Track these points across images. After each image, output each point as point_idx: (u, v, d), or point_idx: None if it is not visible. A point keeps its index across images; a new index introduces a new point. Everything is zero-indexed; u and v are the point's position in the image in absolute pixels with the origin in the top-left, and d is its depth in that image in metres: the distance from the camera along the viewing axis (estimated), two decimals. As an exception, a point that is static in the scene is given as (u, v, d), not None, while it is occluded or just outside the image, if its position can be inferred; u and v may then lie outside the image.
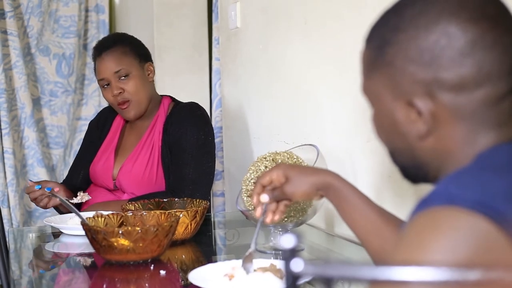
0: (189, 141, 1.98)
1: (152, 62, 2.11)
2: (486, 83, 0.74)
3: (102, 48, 2.02)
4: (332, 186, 1.13)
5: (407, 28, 0.76)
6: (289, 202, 1.22)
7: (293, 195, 1.18)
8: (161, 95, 2.16)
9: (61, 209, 2.07)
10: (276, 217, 1.22)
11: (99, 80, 2.02)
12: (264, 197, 1.20)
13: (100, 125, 2.20)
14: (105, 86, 2.01)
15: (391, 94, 0.79)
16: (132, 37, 2.12)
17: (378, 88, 0.81)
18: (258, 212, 1.21)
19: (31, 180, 2.09)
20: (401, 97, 0.78)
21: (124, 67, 1.98)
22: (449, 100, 0.75)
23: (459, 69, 0.73)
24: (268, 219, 1.22)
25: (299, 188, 1.16)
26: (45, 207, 1.96)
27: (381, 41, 0.79)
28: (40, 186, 1.92)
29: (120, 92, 1.99)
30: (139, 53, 2.05)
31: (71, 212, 1.77)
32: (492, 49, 0.73)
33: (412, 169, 0.83)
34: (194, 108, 2.07)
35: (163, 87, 2.98)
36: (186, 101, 2.12)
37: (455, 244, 0.61)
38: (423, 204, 0.66)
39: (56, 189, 1.93)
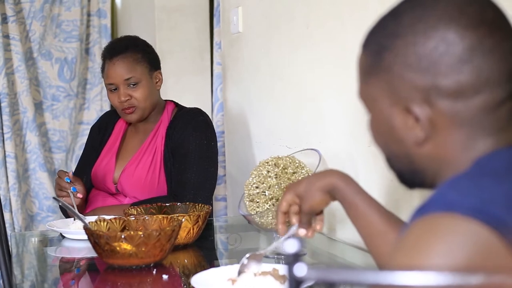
0: (191, 146, 1.98)
1: (160, 70, 2.11)
2: (484, 89, 0.73)
3: (114, 53, 2.01)
4: (336, 188, 1.11)
5: (405, 33, 0.76)
6: (321, 216, 1.20)
7: (312, 209, 1.15)
8: (165, 100, 2.16)
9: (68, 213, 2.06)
10: (318, 227, 1.20)
11: (108, 84, 2.02)
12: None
13: (101, 130, 2.20)
14: (113, 90, 2.02)
15: (388, 100, 0.79)
16: (145, 42, 2.10)
17: (375, 93, 0.81)
18: (281, 232, 1.19)
19: (65, 173, 1.96)
20: (398, 103, 0.77)
21: (135, 75, 1.98)
22: (447, 107, 0.74)
23: (458, 75, 0.73)
24: (310, 233, 1.19)
25: (313, 200, 1.14)
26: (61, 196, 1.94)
27: (379, 46, 0.79)
28: (69, 180, 1.91)
29: (128, 99, 2.00)
30: (150, 61, 2.04)
31: (74, 216, 1.77)
32: (491, 55, 0.73)
33: (409, 174, 0.83)
34: (197, 113, 2.08)
35: (164, 91, 2.97)
36: (189, 106, 2.13)
37: (453, 250, 0.61)
38: (421, 211, 0.66)
39: (79, 196, 1.92)
